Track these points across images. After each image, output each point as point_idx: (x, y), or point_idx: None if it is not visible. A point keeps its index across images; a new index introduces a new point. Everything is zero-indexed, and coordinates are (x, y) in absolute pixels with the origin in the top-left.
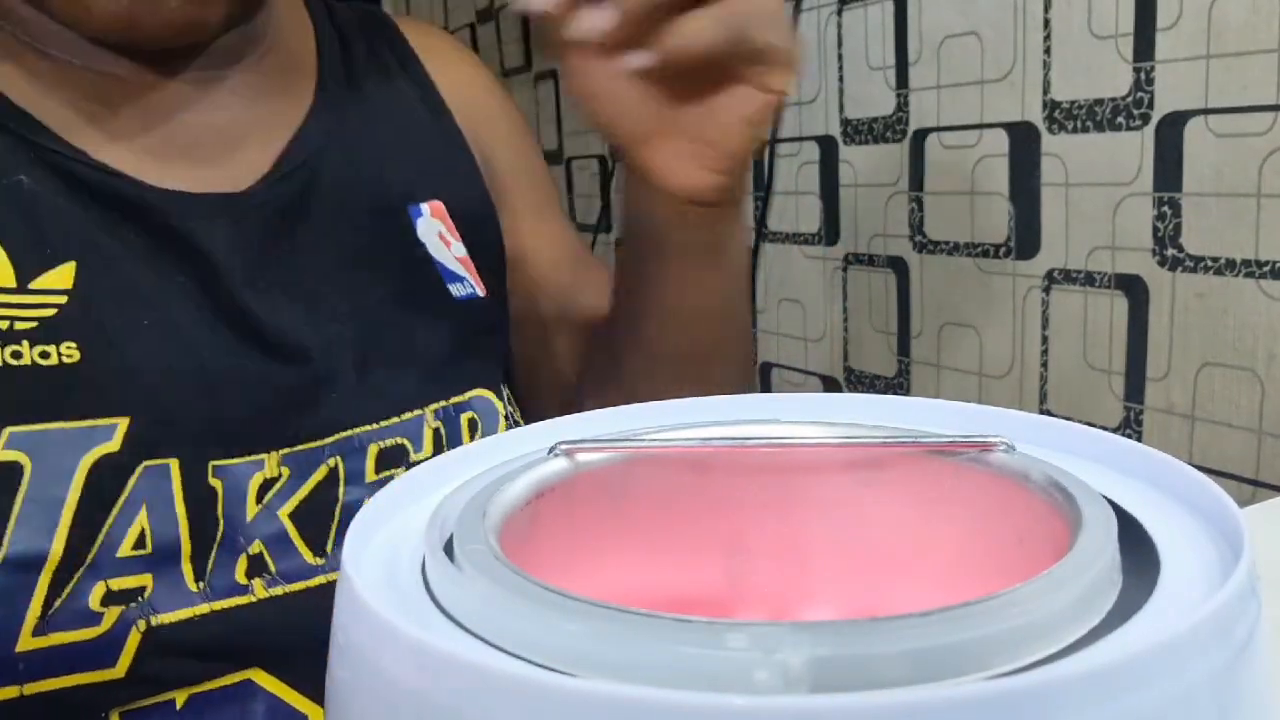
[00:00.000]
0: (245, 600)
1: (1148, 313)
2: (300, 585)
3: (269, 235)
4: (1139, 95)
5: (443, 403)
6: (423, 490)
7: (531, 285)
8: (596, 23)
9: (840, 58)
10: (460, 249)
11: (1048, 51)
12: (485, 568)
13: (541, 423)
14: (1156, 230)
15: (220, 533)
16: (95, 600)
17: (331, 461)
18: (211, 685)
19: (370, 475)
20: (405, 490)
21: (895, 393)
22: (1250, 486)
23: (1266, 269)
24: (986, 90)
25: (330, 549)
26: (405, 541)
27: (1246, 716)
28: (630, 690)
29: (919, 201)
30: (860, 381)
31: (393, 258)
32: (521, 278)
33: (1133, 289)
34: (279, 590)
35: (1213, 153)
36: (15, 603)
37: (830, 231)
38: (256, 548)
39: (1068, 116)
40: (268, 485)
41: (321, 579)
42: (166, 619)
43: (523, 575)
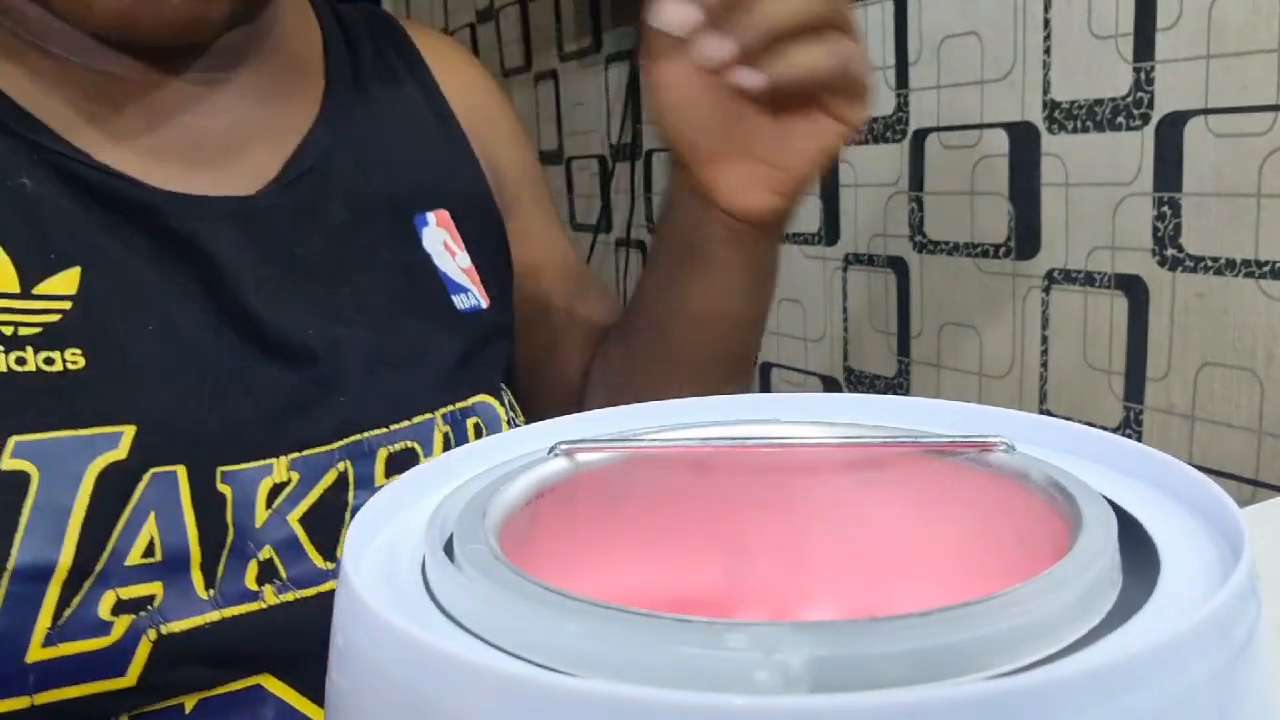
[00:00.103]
0: (256, 607)
1: (1148, 313)
2: (312, 591)
3: (276, 240)
4: (1139, 95)
5: (450, 407)
6: (423, 490)
7: (541, 293)
8: (721, 47)
9: None
10: (465, 259)
11: (1048, 51)
12: (485, 568)
13: (541, 423)
14: (1156, 230)
15: (230, 539)
16: (105, 609)
17: (341, 465)
18: (220, 690)
19: (380, 479)
20: (405, 490)
21: (895, 393)
22: (1250, 486)
23: (1266, 269)
24: (986, 90)
25: (341, 554)
26: (405, 541)
27: (1246, 716)
28: (630, 690)
29: (919, 201)
30: (860, 381)
31: (398, 266)
32: (532, 286)
33: (1133, 289)
34: (290, 596)
35: (1213, 153)
36: (25, 613)
37: (830, 231)
38: (267, 553)
39: (1068, 116)
40: (277, 490)
41: (332, 584)
42: (176, 627)
43: (523, 575)
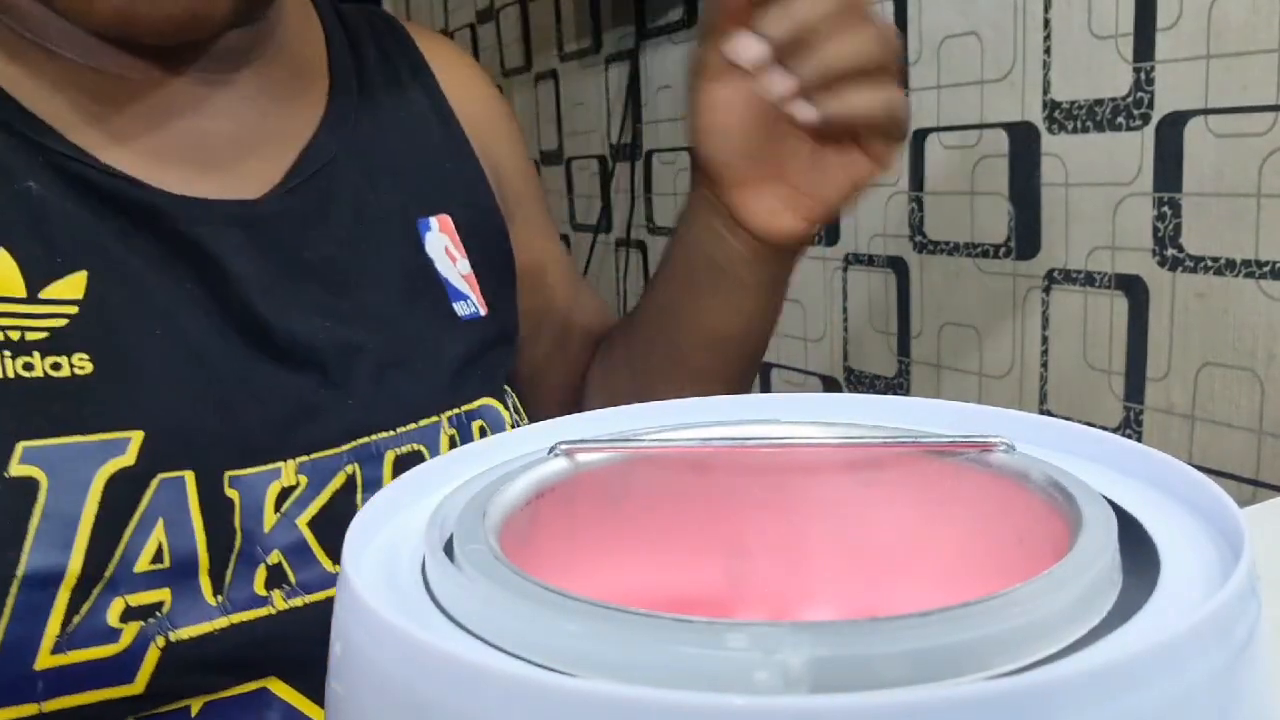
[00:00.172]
0: (265, 612)
1: (1148, 313)
2: (321, 595)
3: (282, 244)
4: (1139, 95)
5: (455, 410)
6: (423, 490)
7: (542, 298)
8: (784, 82)
9: None
10: (465, 265)
11: (1048, 51)
12: (485, 568)
13: (541, 423)
14: (1156, 230)
15: (238, 544)
16: (114, 616)
17: (349, 469)
18: (227, 694)
19: (388, 481)
20: (405, 490)
21: (895, 393)
22: (1250, 486)
23: (1266, 269)
24: (986, 90)
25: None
26: (405, 541)
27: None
28: (630, 690)
29: (919, 201)
30: (860, 381)
31: (402, 270)
32: (534, 291)
33: (1133, 289)
34: (299, 601)
35: (1213, 153)
36: (34, 620)
37: (830, 231)
38: (275, 558)
39: (1068, 116)
40: (285, 494)
41: None
42: (185, 634)
43: (523, 575)
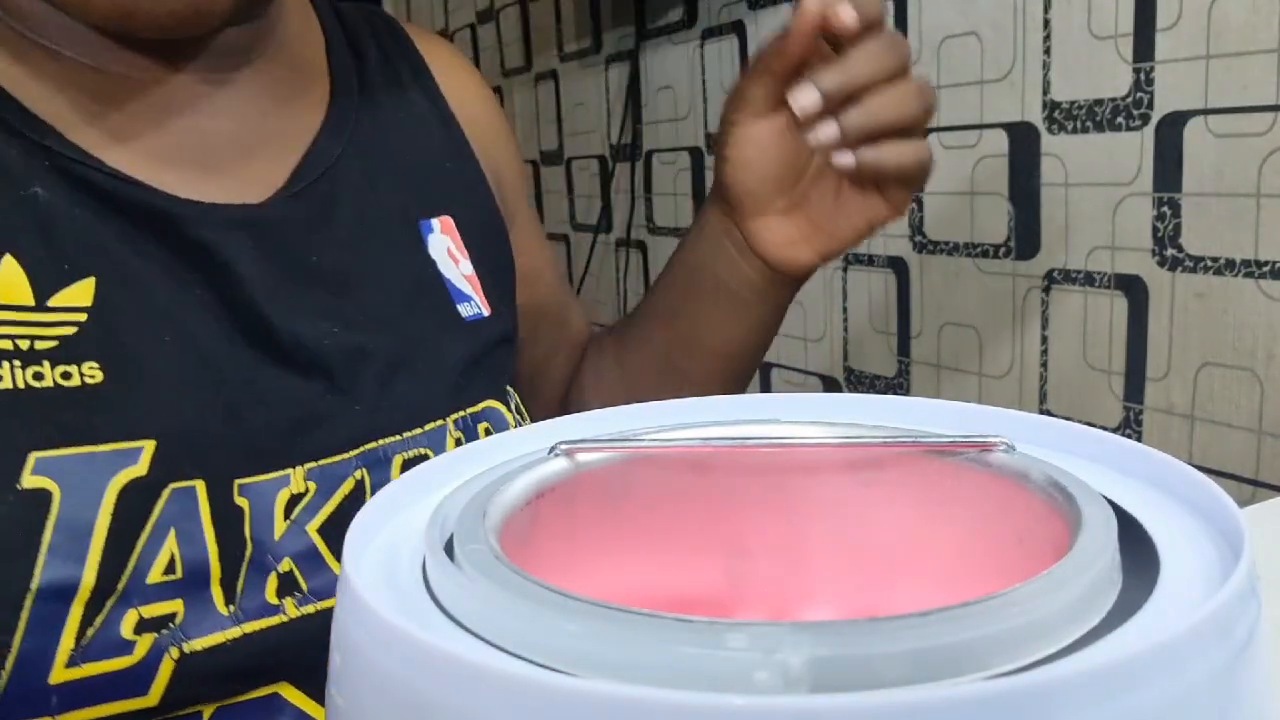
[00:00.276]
0: (277, 621)
1: (1148, 313)
2: (333, 602)
3: (289, 249)
4: (1139, 95)
5: (461, 413)
6: (423, 490)
7: (537, 302)
8: (832, 131)
9: None
10: (467, 266)
11: (1048, 51)
12: (485, 568)
13: (541, 423)
14: (1156, 230)
15: (248, 553)
16: (128, 629)
17: (358, 474)
18: (238, 699)
19: None
20: (405, 490)
21: (895, 393)
22: (1250, 486)
23: (1266, 269)
24: (986, 90)
25: None
26: (405, 541)
27: (1246, 716)
28: (630, 690)
29: (919, 201)
30: (860, 381)
31: (407, 272)
32: (529, 294)
33: (1132, 289)
34: (310, 608)
35: (1213, 153)
36: (48, 634)
37: None
38: (286, 565)
39: (1068, 116)
40: (295, 501)
41: None
42: (198, 645)
43: (523, 575)
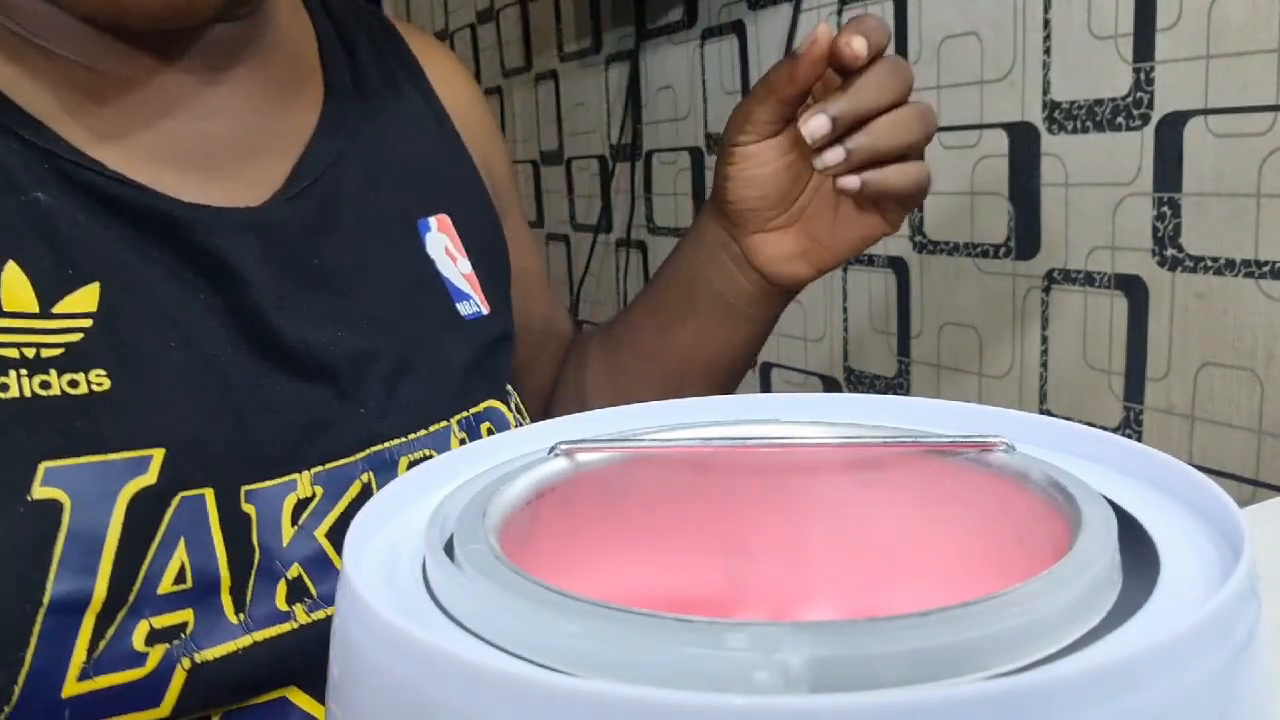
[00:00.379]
0: (287, 628)
1: (1148, 313)
2: None
3: (292, 252)
4: (1139, 95)
5: (464, 413)
6: (423, 490)
7: (529, 301)
8: (839, 155)
9: None
10: (466, 265)
11: (1048, 51)
12: (485, 568)
13: (541, 423)
14: (1156, 230)
15: (257, 560)
16: (139, 640)
17: (364, 477)
18: (247, 703)
19: None
20: (405, 490)
21: (895, 393)
22: (1250, 486)
23: (1266, 269)
24: (986, 90)
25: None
26: (405, 541)
27: (1246, 716)
28: (630, 690)
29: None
30: (860, 381)
31: (406, 272)
32: (522, 293)
33: (1133, 289)
34: (320, 614)
35: (1212, 153)
36: (60, 647)
37: None
38: (295, 571)
39: (1068, 116)
40: (302, 506)
41: None
42: (210, 655)
43: (523, 575)
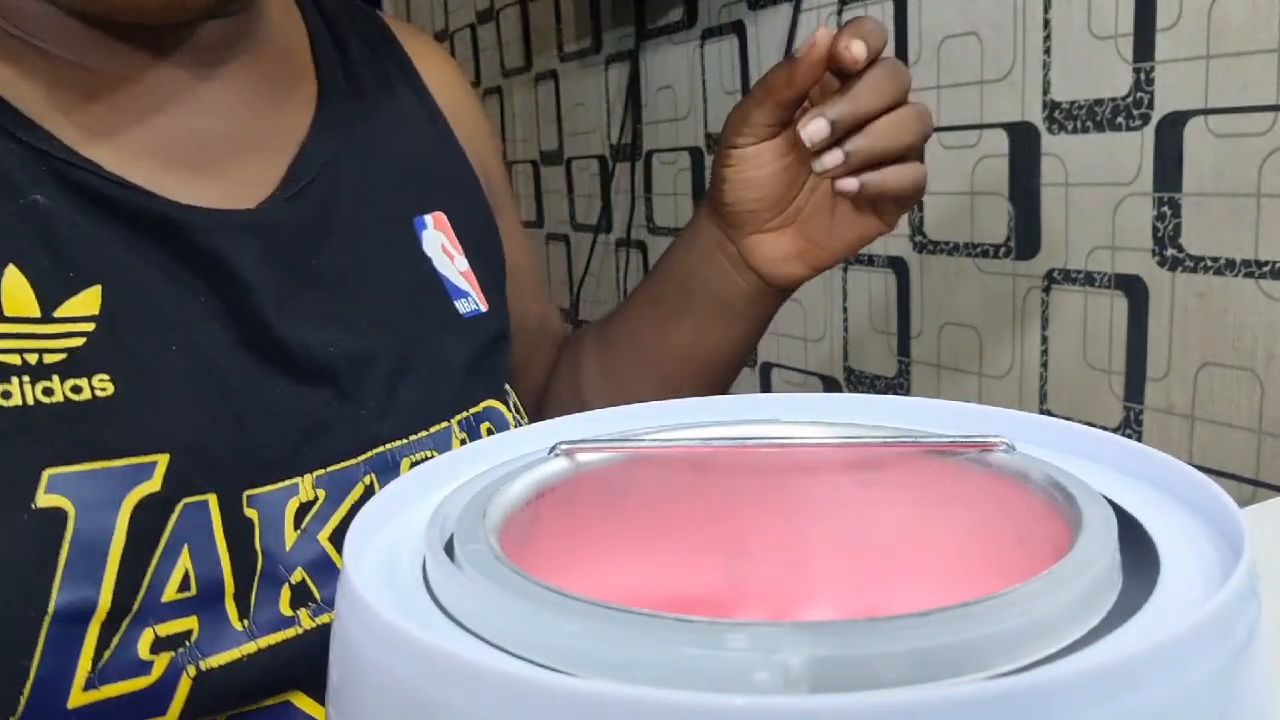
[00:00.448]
0: (292, 633)
1: (1148, 313)
2: None
3: (291, 253)
4: (1139, 95)
5: (465, 413)
6: (423, 490)
7: (523, 299)
8: (837, 158)
9: None
10: (463, 262)
11: (1048, 51)
12: (485, 568)
13: (542, 423)
14: (1156, 230)
15: (260, 566)
16: (144, 649)
17: (367, 479)
18: (250, 708)
19: None
20: (405, 490)
21: (895, 393)
22: (1250, 486)
23: (1266, 269)
24: (986, 90)
25: None
26: (405, 541)
27: (1246, 716)
28: (630, 690)
29: (919, 202)
30: (860, 381)
31: (404, 271)
32: (516, 290)
33: (1133, 289)
34: (324, 619)
35: (1213, 153)
36: (65, 657)
37: None
38: (299, 576)
39: (1068, 116)
40: (304, 510)
41: None
42: (215, 662)
43: (523, 575)
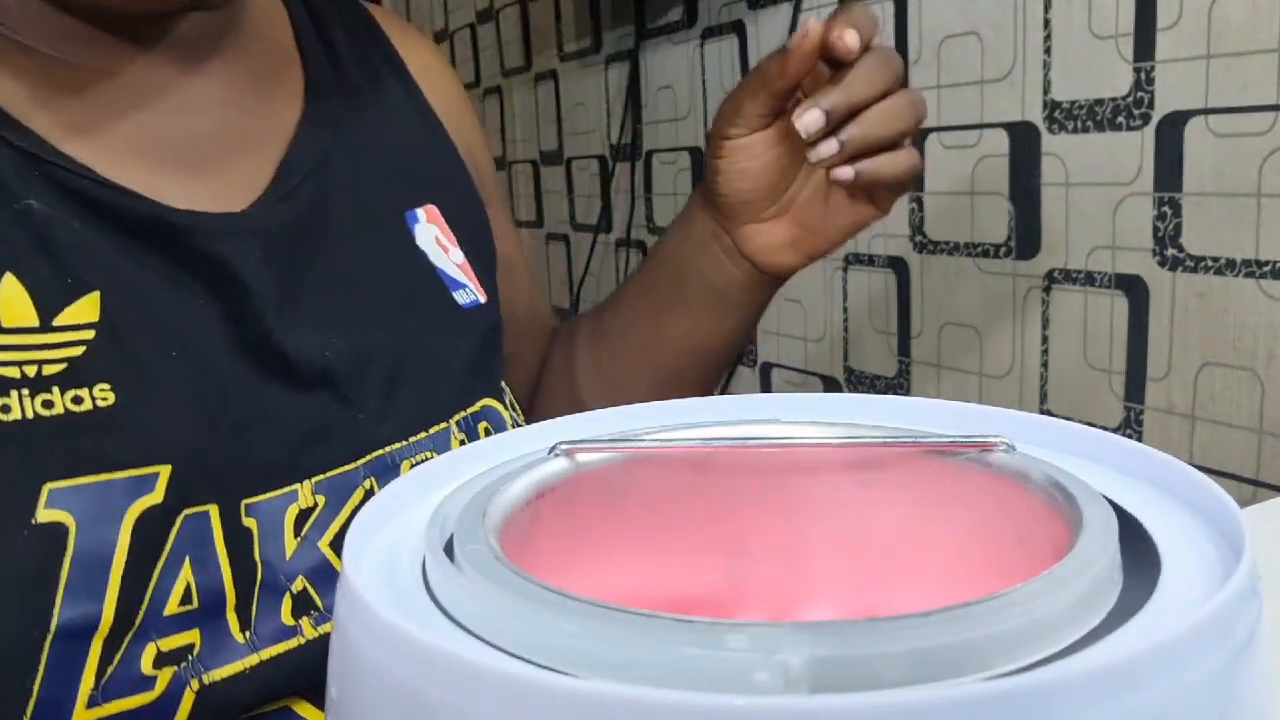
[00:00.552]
0: (294, 644)
1: (1148, 313)
2: None
3: (287, 255)
4: (1139, 95)
5: (463, 413)
6: (423, 490)
7: (514, 289)
8: (833, 147)
9: None
10: (458, 254)
11: (1048, 51)
12: (485, 568)
13: (542, 423)
14: (1157, 230)
15: (260, 576)
16: (147, 663)
17: (367, 483)
18: (250, 714)
19: None
20: (405, 490)
21: (895, 393)
22: (1251, 486)
23: (1266, 269)
24: (986, 90)
25: None
26: (405, 541)
27: (1246, 716)
28: (630, 690)
29: (919, 201)
30: (860, 381)
31: (400, 267)
32: (507, 281)
33: (1133, 289)
34: (327, 628)
35: (1213, 153)
36: (68, 675)
37: None
38: (300, 585)
39: (1068, 116)
40: (304, 516)
41: None
42: (218, 675)
43: (523, 575)
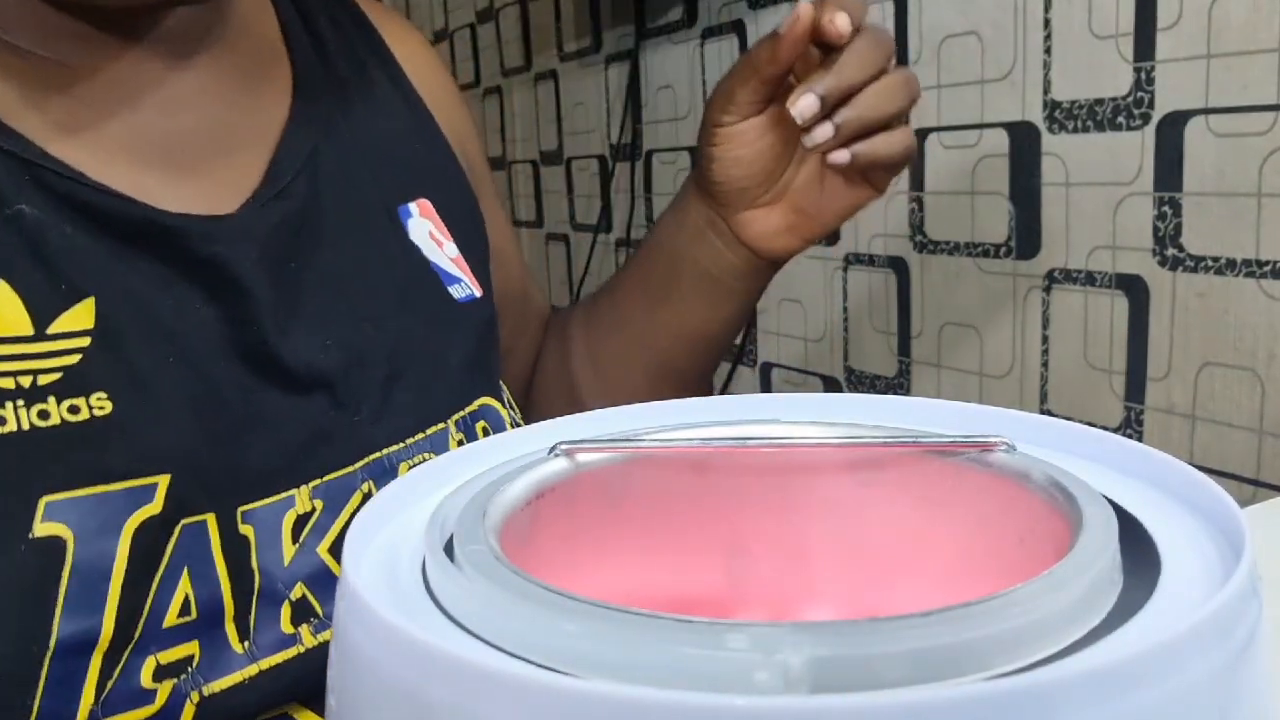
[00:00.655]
0: (293, 652)
1: (1148, 313)
2: None
3: (281, 256)
4: (1139, 95)
5: (461, 413)
6: (423, 490)
7: (507, 282)
8: (828, 131)
9: None
10: (452, 248)
11: (1048, 51)
12: (485, 568)
13: (542, 423)
14: (1157, 230)
15: (257, 584)
16: (147, 677)
17: (365, 487)
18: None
19: None
20: (405, 490)
21: (895, 393)
22: (1251, 486)
23: (1267, 269)
24: (986, 90)
25: None
26: (405, 541)
27: (1246, 716)
28: (630, 690)
29: (919, 201)
30: (860, 381)
31: (394, 264)
32: (501, 273)
33: (1133, 289)
34: (327, 635)
35: (1213, 152)
36: (69, 690)
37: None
38: (299, 591)
39: (1068, 116)
40: (302, 522)
41: None
42: (217, 686)
43: (523, 576)
